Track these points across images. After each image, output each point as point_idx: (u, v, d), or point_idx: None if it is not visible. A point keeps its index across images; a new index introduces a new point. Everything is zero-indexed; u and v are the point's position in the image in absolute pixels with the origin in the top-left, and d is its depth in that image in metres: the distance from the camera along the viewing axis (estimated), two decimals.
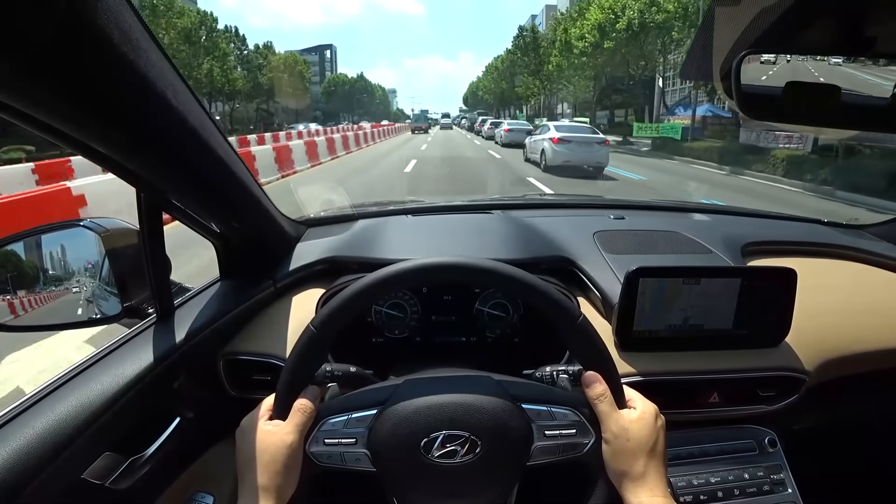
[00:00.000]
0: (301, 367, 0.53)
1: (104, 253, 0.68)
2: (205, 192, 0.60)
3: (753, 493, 0.73)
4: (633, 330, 0.73)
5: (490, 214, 1.11)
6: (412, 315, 0.91)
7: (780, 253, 1.02)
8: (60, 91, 0.35)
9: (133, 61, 0.37)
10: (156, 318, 0.66)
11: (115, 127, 0.41)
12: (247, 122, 43.59)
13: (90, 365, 0.57)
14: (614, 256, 0.89)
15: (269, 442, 0.50)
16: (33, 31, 0.29)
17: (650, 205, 1.41)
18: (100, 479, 0.53)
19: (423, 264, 0.52)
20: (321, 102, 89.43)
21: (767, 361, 0.75)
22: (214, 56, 34.53)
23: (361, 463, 0.52)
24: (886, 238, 1.11)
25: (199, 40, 33.03)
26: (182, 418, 0.65)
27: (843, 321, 0.84)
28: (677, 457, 0.75)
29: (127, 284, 0.67)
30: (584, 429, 0.53)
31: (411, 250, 0.91)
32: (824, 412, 0.89)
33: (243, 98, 41.77)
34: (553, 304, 0.53)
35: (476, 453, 0.51)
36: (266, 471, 0.49)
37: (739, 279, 0.73)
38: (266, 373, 0.71)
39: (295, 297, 0.83)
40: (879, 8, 0.51)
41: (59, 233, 0.71)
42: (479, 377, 0.56)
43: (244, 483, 0.50)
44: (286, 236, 0.89)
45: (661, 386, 0.72)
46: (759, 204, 6.85)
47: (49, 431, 0.47)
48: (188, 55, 30.81)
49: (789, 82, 0.63)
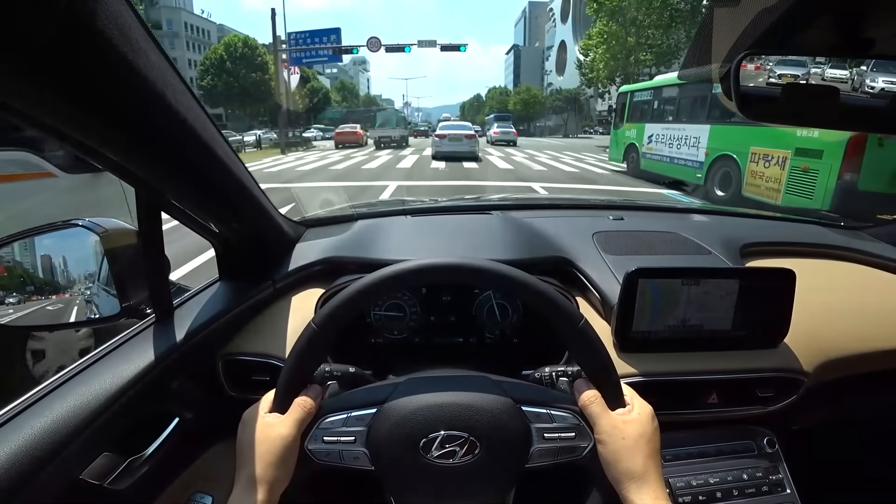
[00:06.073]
0: (302, 363, 0.53)
1: (103, 253, 0.68)
2: (204, 192, 0.60)
3: (752, 493, 0.73)
4: (632, 331, 0.73)
5: (489, 215, 1.11)
6: (411, 316, 0.91)
7: (778, 254, 1.03)
8: (60, 91, 0.35)
9: (133, 61, 0.37)
10: (155, 318, 0.66)
11: (115, 127, 0.41)
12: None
13: (89, 365, 0.57)
14: (613, 257, 0.89)
15: (266, 434, 0.51)
16: (33, 31, 0.29)
17: (649, 205, 1.41)
18: (98, 480, 0.53)
19: (427, 264, 0.52)
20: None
21: (766, 362, 0.75)
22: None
23: (360, 461, 0.52)
24: (885, 239, 1.11)
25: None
26: (181, 419, 0.65)
27: (842, 322, 0.84)
28: (676, 457, 0.75)
29: (126, 284, 0.67)
30: (583, 432, 0.53)
31: (410, 251, 0.91)
32: (823, 413, 0.89)
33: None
34: (554, 307, 0.53)
35: (475, 454, 0.51)
36: (261, 462, 0.50)
37: (738, 280, 0.73)
38: (265, 373, 0.71)
39: (294, 297, 0.83)
40: (879, 8, 0.51)
41: (58, 233, 0.71)
42: (480, 378, 0.56)
43: (239, 473, 0.51)
44: (285, 237, 0.89)
45: (659, 386, 0.72)
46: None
47: (47, 431, 0.47)
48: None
49: (788, 83, 0.63)
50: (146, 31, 0.39)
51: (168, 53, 0.43)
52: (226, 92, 33.36)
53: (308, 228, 1.01)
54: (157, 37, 0.41)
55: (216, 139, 0.54)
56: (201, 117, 0.50)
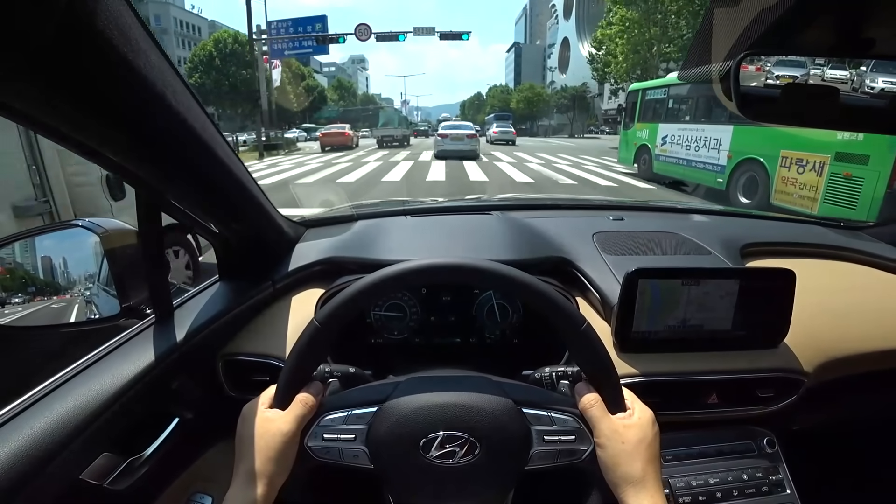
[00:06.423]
0: (303, 360, 0.53)
1: (103, 253, 0.68)
2: (204, 192, 0.60)
3: (752, 493, 0.73)
4: (632, 331, 0.73)
5: (489, 215, 1.11)
6: (411, 316, 0.91)
7: (778, 254, 1.03)
8: (60, 91, 0.35)
9: (133, 62, 0.37)
10: (155, 318, 0.66)
11: (114, 127, 0.41)
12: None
13: (89, 365, 0.57)
14: (613, 257, 0.89)
15: (265, 429, 0.51)
16: (33, 31, 0.29)
17: (649, 206, 1.41)
18: (98, 480, 0.53)
19: (429, 264, 0.52)
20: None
21: (766, 362, 0.75)
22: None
23: (360, 459, 0.52)
24: (884, 239, 1.11)
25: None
26: (181, 419, 0.65)
27: (842, 322, 0.84)
28: (676, 457, 0.75)
29: (126, 285, 0.67)
30: (583, 435, 0.53)
31: (410, 251, 0.91)
32: (823, 413, 0.89)
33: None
34: (556, 309, 0.53)
35: (475, 455, 0.51)
36: (260, 457, 0.50)
37: (738, 280, 0.73)
38: (265, 373, 0.71)
39: (294, 297, 0.83)
40: (879, 9, 0.51)
41: (57, 233, 0.71)
42: (481, 379, 0.56)
43: (238, 467, 0.51)
44: (285, 237, 0.89)
45: (659, 386, 0.72)
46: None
47: (47, 431, 0.47)
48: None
49: (788, 83, 0.63)
50: (146, 31, 0.39)
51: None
52: (215, 90, 32.33)
53: (308, 228, 1.01)
54: None
55: (216, 139, 0.54)
56: (201, 117, 0.50)
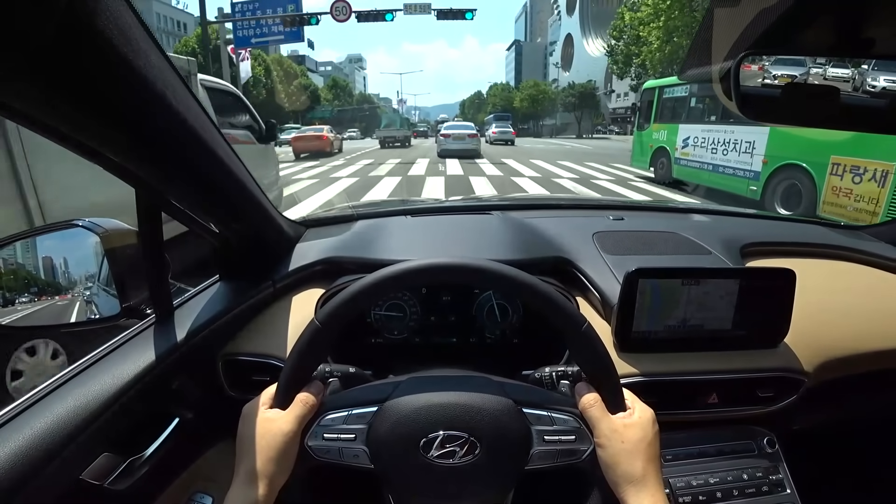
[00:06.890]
0: (304, 360, 0.53)
1: (103, 253, 0.68)
2: (204, 192, 0.60)
3: (752, 493, 0.73)
4: (632, 331, 0.73)
5: (489, 215, 1.11)
6: (411, 316, 0.91)
7: (778, 254, 1.03)
8: (60, 91, 0.35)
9: (133, 62, 0.37)
10: (155, 318, 0.66)
11: (114, 127, 0.41)
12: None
13: (89, 365, 0.57)
14: (613, 257, 0.89)
15: (266, 428, 0.51)
16: (33, 31, 0.29)
17: (649, 206, 1.41)
18: (98, 480, 0.53)
19: (429, 264, 0.52)
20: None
21: (766, 362, 0.75)
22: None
23: (360, 459, 0.52)
24: (885, 239, 1.11)
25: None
26: (181, 419, 0.65)
27: (842, 322, 0.84)
28: (676, 457, 0.75)
29: (126, 285, 0.67)
30: (583, 435, 0.53)
31: (411, 251, 0.91)
32: (823, 413, 0.89)
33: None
34: (556, 309, 0.53)
35: (475, 455, 0.51)
36: (261, 456, 0.50)
37: (738, 280, 0.73)
38: (265, 373, 0.71)
39: (294, 297, 0.83)
40: (879, 8, 0.51)
41: (57, 233, 0.71)
42: (481, 379, 0.56)
43: (238, 467, 0.51)
44: (285, 237, 0.89)
45: (659, 386, 0.72)
46: None
47: (47, 432, 0.47)
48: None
49: (788, 83, 0.63)
50: (146, 31, 0.39)
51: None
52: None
53: (308, 228, 1.01)
54: None
55: (216, 139, 0.54)
56: (201, 117, 0.50)
